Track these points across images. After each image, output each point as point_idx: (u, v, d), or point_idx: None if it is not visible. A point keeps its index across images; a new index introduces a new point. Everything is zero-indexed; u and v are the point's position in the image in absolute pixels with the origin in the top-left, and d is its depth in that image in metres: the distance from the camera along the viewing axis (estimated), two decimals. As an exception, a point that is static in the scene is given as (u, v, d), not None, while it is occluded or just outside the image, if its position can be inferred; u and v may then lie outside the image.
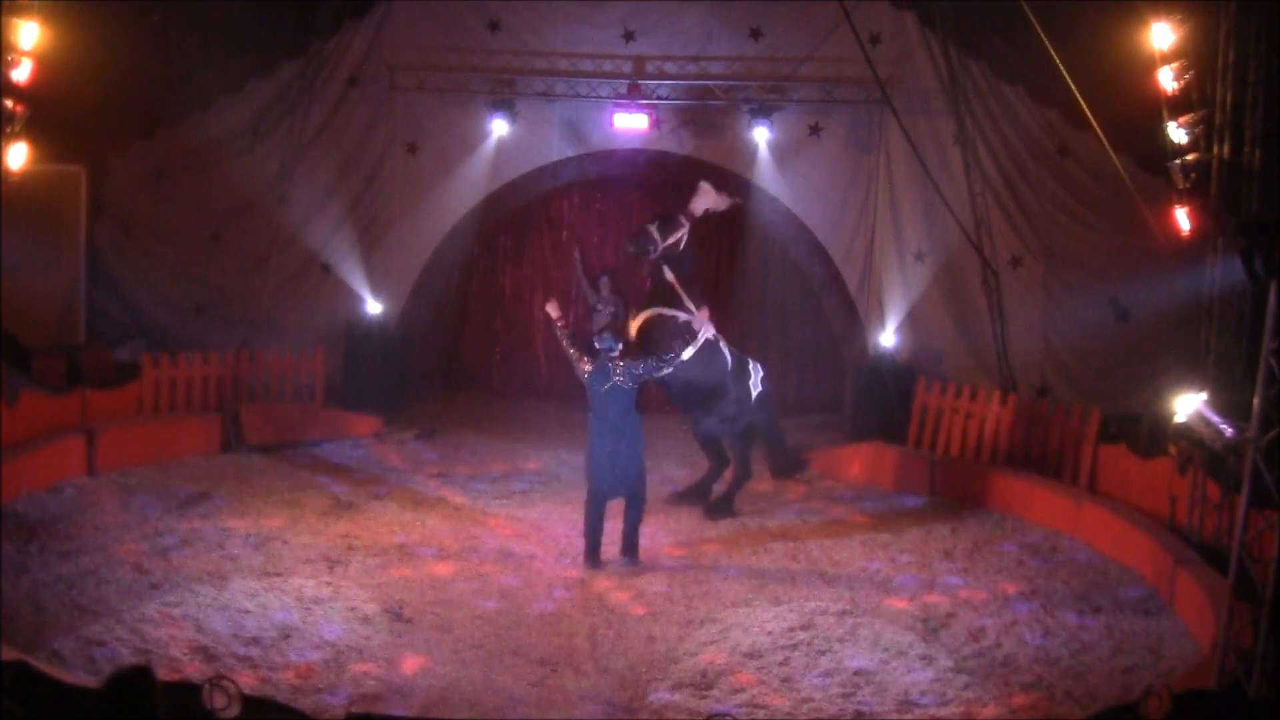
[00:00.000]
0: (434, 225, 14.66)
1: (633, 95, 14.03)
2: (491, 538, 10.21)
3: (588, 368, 9.36)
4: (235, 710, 4.99)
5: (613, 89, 14.11)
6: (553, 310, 9.71)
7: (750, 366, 10.98)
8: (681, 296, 10.60)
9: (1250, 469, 6.77)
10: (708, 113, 14.28)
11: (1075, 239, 12.93)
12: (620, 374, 9.30)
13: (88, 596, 8.33)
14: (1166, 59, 10.54)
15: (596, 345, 9.41)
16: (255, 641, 7.73)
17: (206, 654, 7.50)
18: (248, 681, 6.92)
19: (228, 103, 13.97)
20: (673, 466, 12.38)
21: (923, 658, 7.86)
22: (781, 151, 14.18)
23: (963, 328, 13.77)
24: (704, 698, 7.26)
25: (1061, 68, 11.03)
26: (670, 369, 9.91)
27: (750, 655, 7.87)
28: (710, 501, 11.13)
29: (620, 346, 9.47)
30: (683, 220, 10.62)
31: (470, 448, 13.30)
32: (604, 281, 12.33)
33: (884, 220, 14.14)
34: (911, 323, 13.95)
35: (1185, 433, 9.25)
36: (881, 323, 14.05)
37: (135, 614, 8.02)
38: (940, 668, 7.71)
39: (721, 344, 10.80)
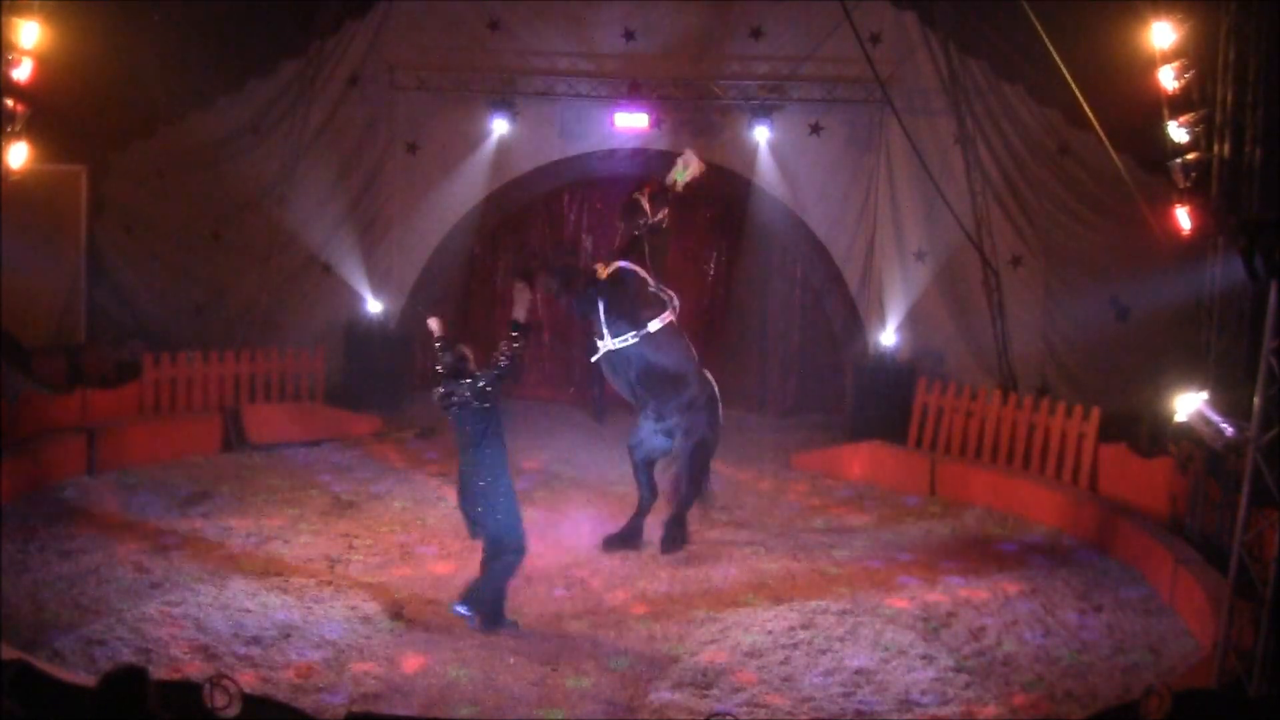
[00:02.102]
0: (434, 225, 14.66)
1: (633, 95, 14.04)
2: (492, 537, 10.19)
3: (440, 390, 8.21)
4: (236, 709, 5.01)
5: (613, 89, 14.11)
6: (434, 325, 8.71)
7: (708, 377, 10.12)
8: (649, 270, 9.84)
9: (1250, 468, 6.78)
10: (708, 113, 14.26)
11: (1076, 238, 12.91)
12: (465, 390, 8.14)
13: (88, 596, 8.34)
14: (1167, 58, 10.51)
15: (440, 369, 8.31)
16: (256, 641, 7.74)
17: (207, 653, 7.52)
18: (248, 681, 6.93)
19: (228, 102, 13.95)
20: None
21: (923, 657, 7.86)
22: (781, 151, 14.17)
23: (963, 327, 13.77)
24: (704, 697, 7.26)
25: (1062, 67, 11.03)
26: (507, 364, 8.47)
27: (751, 654, 7.87)
28: (665, 532, 9.96)
29: (469, 367, 8.27)
30: (667, 193, 10.08)
31: (470, 447, 13.28)
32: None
33: (884, 220, 14.13)
34: (912, 322, 13.95)
35: (1185, 432, 9.24)
36: (882, 322, 14.05)
37: (136, 613, 8.03)
38: (941, 667, 7.71)
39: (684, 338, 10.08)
